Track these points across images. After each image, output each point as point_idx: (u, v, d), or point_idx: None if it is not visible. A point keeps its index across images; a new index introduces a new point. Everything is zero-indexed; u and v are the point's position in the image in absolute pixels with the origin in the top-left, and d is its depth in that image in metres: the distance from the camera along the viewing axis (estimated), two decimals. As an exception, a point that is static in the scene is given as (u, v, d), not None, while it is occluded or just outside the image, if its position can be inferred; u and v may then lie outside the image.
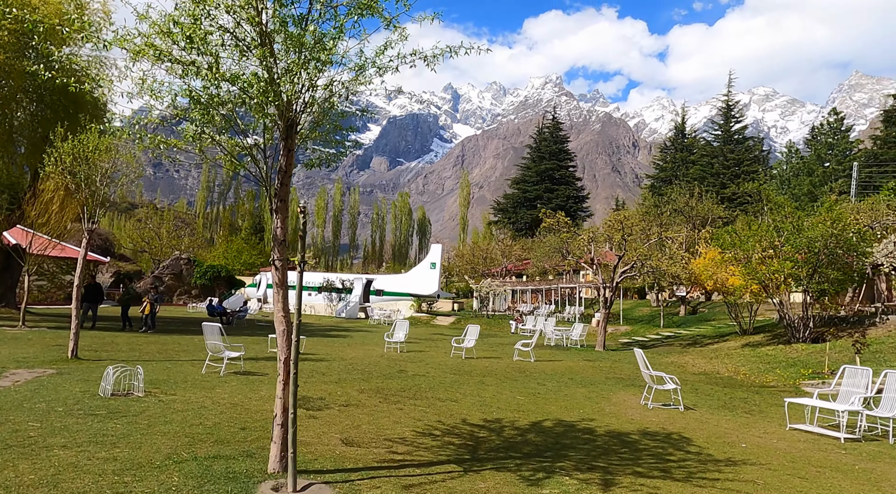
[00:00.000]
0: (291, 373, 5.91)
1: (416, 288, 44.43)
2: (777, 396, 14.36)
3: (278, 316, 6.09)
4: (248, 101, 5.67)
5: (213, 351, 13.52)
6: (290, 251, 76.52)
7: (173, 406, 9.46)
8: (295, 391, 5.99)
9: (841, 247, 20.67)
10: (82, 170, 14.50)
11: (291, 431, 5.88)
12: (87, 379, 11.59)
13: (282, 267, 6.05)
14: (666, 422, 10.30)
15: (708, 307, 40.27)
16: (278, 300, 6.06)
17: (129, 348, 17.48)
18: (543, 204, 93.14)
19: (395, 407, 10.48)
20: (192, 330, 26.06)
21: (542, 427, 9.33)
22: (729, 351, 22.81)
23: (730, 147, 76.45)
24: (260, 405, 9.94)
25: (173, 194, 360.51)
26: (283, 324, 6.02)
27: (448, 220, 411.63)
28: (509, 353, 22.21)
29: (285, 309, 6.10)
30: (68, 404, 9.17)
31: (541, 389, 13.67)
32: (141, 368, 10.45)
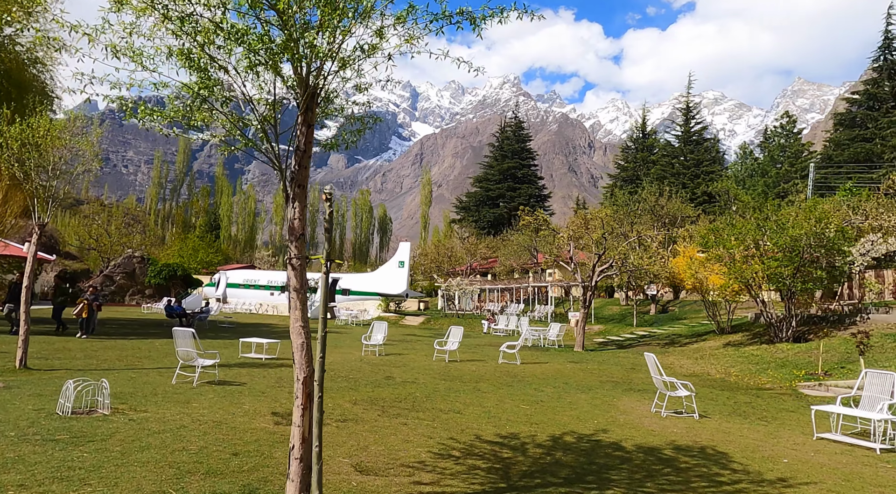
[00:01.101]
0: (316, 397, 4.86)
1: (384, 287, 43.24)
2: (780, 400, 13.90)
3: (296, 327, 5.03)
4: (259, 64, 4.59)
5: (185, 359, 12.22)
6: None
7: (147, 425, 8.23)
8: (320, 419, 4.94)
9: (824, 245, 20.54)
10: (32, 157, 12.96)
11: (316, 468, 4.84)
12: (40, 394, 10.20)
13: (300, 266, 4.99)
14: (690, 434, 9.58)
15: (677, 305, 40.37)
16: (296, 307, 4.99)
17: (84, 355, 15.93)
18: (506, 202, 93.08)
19: (398, 421, 9.47)
20: (151, 333, 24.42)
21: (566, 444, 8.46)
22: (711, 351, 22.49)
23: (689, 147, 77.57)
24: (247, 422, 8.79)
25: (121, 190, 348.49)
26: (302, 336, 4.96)
27: (406, 219, 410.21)
28: (491, 355, 21.39)
29: (304, 319, 5.04)
30: (21, 426, 7.85)
31: (541, 396, 12.84)
32: (106, 381, 9.15)
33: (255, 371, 14.45)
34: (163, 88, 5.34)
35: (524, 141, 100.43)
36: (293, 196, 4.89)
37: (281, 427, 8.64)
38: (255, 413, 9.53)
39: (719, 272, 22.80)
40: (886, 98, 58.91)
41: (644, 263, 24.35)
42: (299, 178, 4.92)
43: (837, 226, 20.87)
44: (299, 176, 4.92)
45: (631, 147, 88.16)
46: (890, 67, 59.63)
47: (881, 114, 58.34)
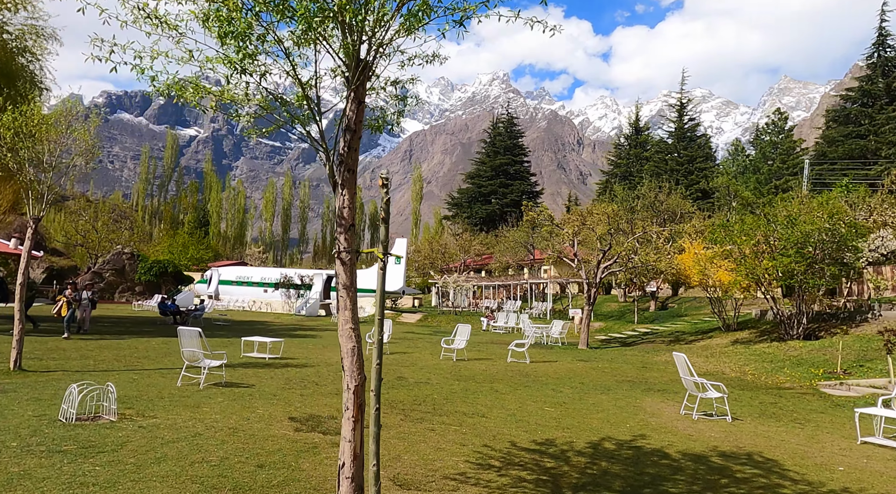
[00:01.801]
0: (372, 409, 4.32)
1: (380, 284, 42.50)
2: (804, 400, 13.51)
3: (345, 330, 4.47)
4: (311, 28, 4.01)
5: (190, 360, 11.60)
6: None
7: (159, 433, 7.64)
8: (377, 434, 4.40)
9: (836, 241, 20.22)
10: (25, 146, 12.27)
11: (374, 490, 4.30)
12: (38, 398, 9.56)
13: (350, 260, 4.43)
14: (729, 438, 9.12)
15: (676, 302, 40.09)
16: (346, 306, 4.43)
17: (79, 356, 15.24)
18: (498, 199, 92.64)
19: (423, 426, 8.93)
20: (145, 331, 23.71)
21: (608, 451, 7.97)
22: (720, 348, 22.13)
23: (683, 144, 77.50)
24: (264, 429, 8.22)
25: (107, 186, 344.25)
26: (353, 340, 4.41)
27: (396, 215, 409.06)
28: (498, 353, 20.90)
29: (355, 320, 4.49)
30: (23, 436, 7.23)
31: (561, 397, 12.36)
32: (113, 386, 8.54)
33: (262, 371, 13.85)
34: (187, 63, 4.74)
35: (516, 137, 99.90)
36: (342, 182, 4.33)
37: (301, 433, 8.08)
38: (270, 418, 8.96)
39: (728, 268, 22.44)
40: (880, 94, 58.99)
41: (651, 259, 23.93)
42: (348, 162, 4.37)
43: (850, 222, 20.56)
44: (348, 159, 4.36)
45: (623, 143, 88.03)
46: (884, 64, 59.74)
47: (875, 111, 58.43)
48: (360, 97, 4.38)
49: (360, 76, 4.32)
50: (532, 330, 27.44)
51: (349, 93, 4.37)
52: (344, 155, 4.36)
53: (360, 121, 4.42)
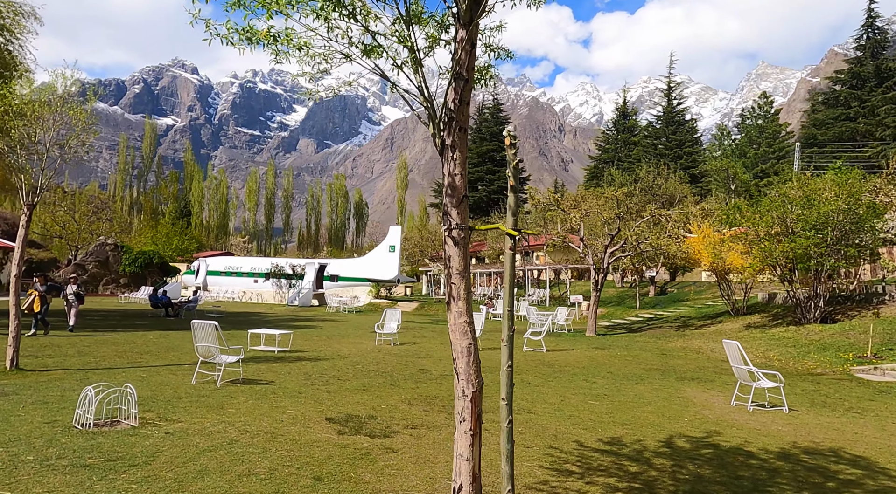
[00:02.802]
0: (504, 423, 3.55)
1: (375, 272, 41.70)
2: (845, 387, 13.00)
3: (459, 324, 3.69)
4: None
5: (205, 356, 10.74)
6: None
7: (190, 441, 6.81)
8: (511, 452, 3.64)
9: (855, 221, 19.79)
10: (16, 126, 11.23)
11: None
12: (45, 401, 8.67)
13: (464, 239, 3.65)
14: (800, 432, 8.52)
15: (675, 287, 39.79)
16: (459, 296, 3.65)
17: (77, 352, 14.27)
18: (485, 186, 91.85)
19: (474, 424, 8.20)
20: (138, 325, 22.70)
21: (684, 450, 7.31)
22: (734, 333, 21.67)
23: (672, 128, 77.26)
24: (303, 432, 7.43)
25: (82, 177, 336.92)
26: (469, 337, 3.65)
27: (378, 204, 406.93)
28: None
29: (469, 313, 3.71)
30: (38, 447, 6.37)
31: (598, 389, 11.72)
32: (132, 388, 7.68)
33: (276, 366, 13.02)
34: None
35: (502, 123, 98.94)
36: (452, 143, 3.54)
37: (346, 437, 7.30)
38: (305, 419, 8.17)
39: (741, 251, 21.97)
40: (869, 76, 58.97)
41: (662, 243, 23.37)
42: (459, 119, 3.57)
43: (868, 201, 20.14)
44: (459, 114, 3.56)
45: (611, 129, 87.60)
46: (873, 46, 59.73)
47: (865, 93, 58.43)
48: (472, 38, 3.58)
49: (472, 10, 3.52)
50: (538, 318, 26.86)
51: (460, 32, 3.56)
52: (454, 109, 3.56)
53: (473, 69, 3.63)
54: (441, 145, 3.59)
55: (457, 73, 3.57)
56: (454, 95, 3.59)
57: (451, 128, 3.57)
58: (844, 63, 65.32)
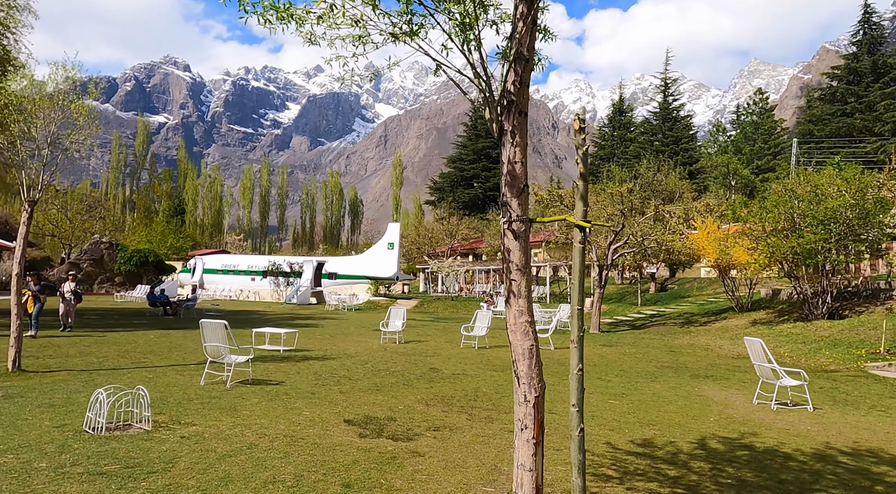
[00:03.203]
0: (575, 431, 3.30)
1: (374, 270, 41.39)
2: (862, 384, 12.84)
3: (519, 324, 3.44)
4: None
5: (214, 356, 10.45)
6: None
7: (208, 445, 6.54)
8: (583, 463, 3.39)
9: (861, 217, 19.66)
10: (15, 120, 10.89)
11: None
12: (51, 404, 8.36)
13: (524, 232, 3.40)
14: (831, 432, 8.32)
15: (675, 283, 39.67)
16: (520, 293, 3.40)
17: (78, 352, 13.95)
18: (480, 183, 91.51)
19: (497, 427, 7.98)
20: (136, 324, 22.37)
21: (719, 452, 7.09)
22: (741, 330, 21.53)
23: (668, 124, 77.18)
24: (323, 436, 7.16)
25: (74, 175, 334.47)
26: (530, 338, 3.40)
27: (372, 201, 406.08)
28: (516, 340, 20.00)
29: (531, 312, 3.46)
30: (50, 453, 6.08)
31: (615, 387, 11.50)
32: (145, 390, 7.39)
33: (284, 366, 12.74)
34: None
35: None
36: (512, 128, 3.28)
37: (368, 440, 7.04)
38: (322, 421, 7.90)
39: (747, 247, 21.82)
40: (866, 72, 59.08)
41: (667, 239, 23.18)
42: (519, 102, 3.31)
43: (876, 196, 20.02)
44: (519, 97, 3.31)
45: (608, 124, 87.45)
46: (870, 41, 59.81)
47: (861, 89, 58.51)
48: (533, 15, 3.32)
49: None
50: (541, 315, 26.66)
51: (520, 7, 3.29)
52: (514, 92, 3.30)
53: (534, 48, 3.37)
54: (499, 131, 3.33)
55: (517, 53, 3.31)
56: (514, 77, 3.33)
57: (511, 112, 3.32)
58: (839, 59, 65.45)
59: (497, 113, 3.39)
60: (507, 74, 3.37)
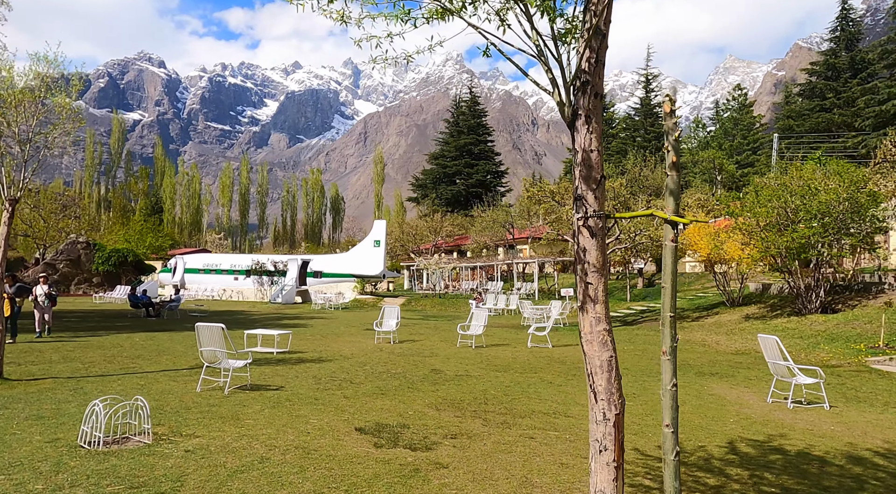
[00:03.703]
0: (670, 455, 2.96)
1: (360, 268, 40.85)
2: (868, 379, 12.74)
3: (597, 333, 3.09)
4: None
5: (210, 361, 9.97)
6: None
7: (215, 460, 6.10)
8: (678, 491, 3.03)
9: (854, 210, 19.67)
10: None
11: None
12: (40, 415, 7.85)
13: (601, 229, 3.04)
14: (855, 432, 8.12)
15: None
16: (596, 298, 3.05)
17: (61, 358, 13.35)
18: (463, 179, 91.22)
19: (516, 432, 7.62)
20: (119, 326, 21.70)
21: (752, 457, 6.83)
22: (735, 325, 21.47)
23: (650, 120, 77.58)
24: (336, 446, 6.76)
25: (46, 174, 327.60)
26: (609, 349, 3.06)
27: (352, 199, 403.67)
28: (510, 338, 19.73)
29: (608, 318, 3.11)
30: (45, 473, 5.61)
31: (625, 387, 11.16)
32: (144, 401, 6.92)
33: (280, 369, 12.28)
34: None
35: (479, 116, 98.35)
36: (587, 112, 2.92)
37: (385, 450, 6.66)
38: (332, 430, 7.49)
39: (743, 242, 21.75)
40: (844, 68, 59.76)
41: (660, 234, 23.04)
42: (595, 82, 2.95)
43: (868, 190, 20.04)
44: (595, 77, 2.95)
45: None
46: (848, 38, 60.50)
47: (840, 85, 59.18)
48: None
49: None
50: (532, 312, 26.43)
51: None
52: (589, 70, 2.94)
53: (610, 21, 3.01)
54: (572, 115, 2.98)
55: (594, 27, 2.95)
56: (589, 53, 2.97)
57: (587, 93, 2.96)
58: (812, 56, 66.38)
59: (569, 95, 3.03)
60: (583, 51, 3.00)
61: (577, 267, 3.10)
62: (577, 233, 3.06)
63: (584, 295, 3.08)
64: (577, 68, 3.02)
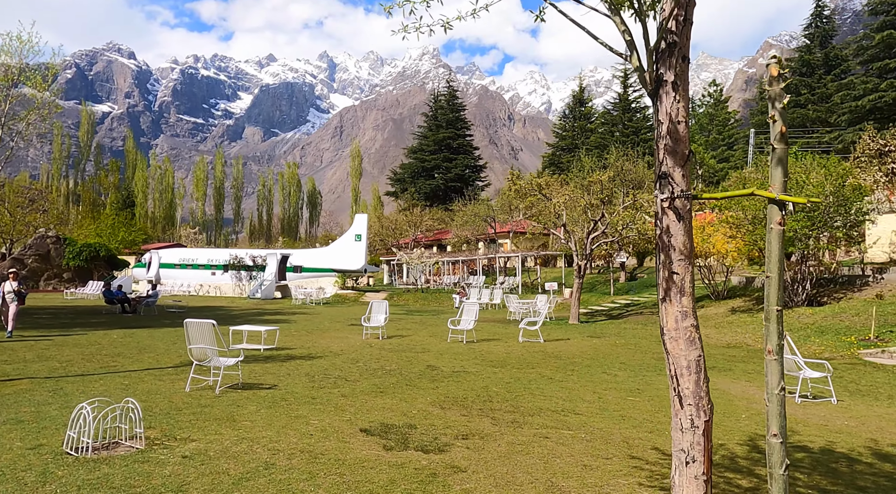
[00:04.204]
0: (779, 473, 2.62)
1: (341, 262, 40.24)
2: (864, 372, 12.72)
3: (684, 328, 2.74)
4: None
5: (200, 359, 9.48)
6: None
7: (216, 466, 5.67)
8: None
9: (840, 204, 19.77)
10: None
11: None
12: (19, 419, 7.32)
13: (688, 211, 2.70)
14: (869, 426, 8.00)
15: (644, 272, 39.85)
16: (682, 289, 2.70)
17: (36, 356, 12.70)
18: (441, 174, 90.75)
19: (530, 432, 7.31)
20: (94, 323, 20.94)
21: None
22: (721, 318, 21.49)
23: (628, 115, 77.90)
24: (343, 449, 6.38)
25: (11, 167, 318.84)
26: (697, 346, 2.70)
27: (328, 193, 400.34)
28: (500, 332, 19.47)
29: (695, 312, 2.76)
30: (30, 483, 5.13)
31: (626, 383, 11.01)
32: (136, 404, 6.44)
33: (270, 367, 11.81)
34: None
35: (458, 110, 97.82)
36: (674, 78, 2.58)
37: (396, 453, 6.29)
38: (336, 431, 7.09)
39: (730, 235, 21.76)
40: (818, 64, 60.56)
41: (648, 227, 22.98)
42: (682, 43, 2.61)
43: (854, 184, 20.16)
44: (682, 38, 2.61)
45: (568, 115, 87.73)
46: (822, 35, 61.30)
47: (814, 81, 59.97)
48: (695, -58, 2.62)
49: None
50: (518, 307, 26.22)
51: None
52: (677, 30, 2.60)
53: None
54: (656, 82, 2.64)
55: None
56: (677, 10, 2.62)
57: (673, 56, 2.62)
58: (786, 53, 67.11)
59: (653, 59, 2.69)
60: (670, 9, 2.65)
61: (661, 255, 2.76)
62: (661, 216, 2.72)
63: (669, 287, 2.74)
64: (661, 28, 2.68)
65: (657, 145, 2.69)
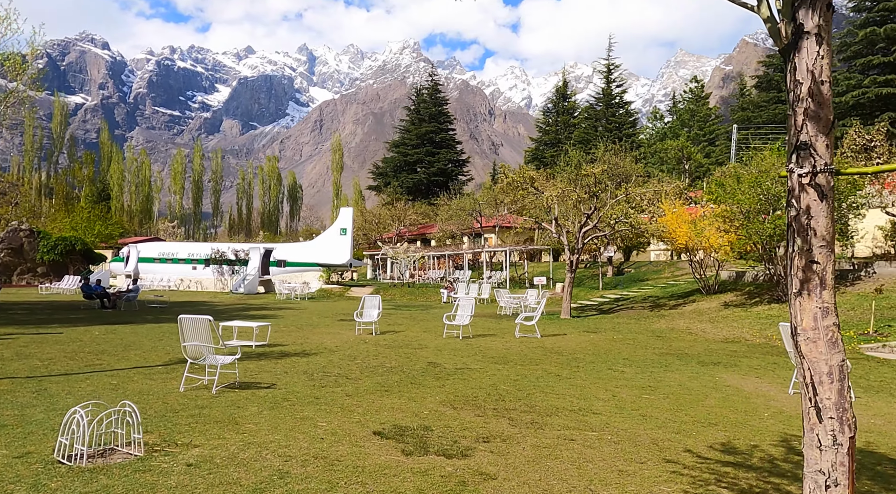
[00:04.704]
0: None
1: (326, 257, 39.58)
2: (869, 367, 12.56)
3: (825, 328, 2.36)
4: None
5: (195, 357, 8.95)
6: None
7: (227, 476, 5.21)
8: None
9: (837, 197, 19.73)
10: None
11: None
12: (2, 423, 6.81)
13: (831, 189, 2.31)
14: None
15: (631, 267, 39.83)
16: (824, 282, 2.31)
17: (15, 354, 12.04)
18: (424, 168, 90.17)
19: (554, 435, 6.93)
20: (73, 318, 20.20)
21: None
22: (715, 312, 21.36)
23: (611, 110, 78.04)
24: (361, 455, 5.94)
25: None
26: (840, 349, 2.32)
27: (308, 187, 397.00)
28: (494, 327, 19.12)
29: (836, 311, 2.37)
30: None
31: (636, 379, 10.70)
32: (134, 407, 5.93)
33: (265, 365, 11.31)
34: None
35: (441, 104, 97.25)
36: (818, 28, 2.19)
37: (416, 458, 5.87)
38: (348, 434, 6.65)
39: (724, 229, 21.63)
40: (800, 62, 61.14)
41: (641, 222, 22.78)
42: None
43: (847, 178, 20.11)
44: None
45: (552, 110, 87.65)
46: (804, 32, 61.89)
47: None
48: None
49: None
50: (509, 301, 25.92)
51: None
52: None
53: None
54: (795, 33, 2.24)
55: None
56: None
57: (816, 3, 2.22)
58: (758, 51, 67.72)
59: (790, 8, 2.29)
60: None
61: (795, 241, 2.37)
62: (799, 194, 2.33)
63: (807, 278, 2.35)
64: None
65: (794, 110, 2.31)
